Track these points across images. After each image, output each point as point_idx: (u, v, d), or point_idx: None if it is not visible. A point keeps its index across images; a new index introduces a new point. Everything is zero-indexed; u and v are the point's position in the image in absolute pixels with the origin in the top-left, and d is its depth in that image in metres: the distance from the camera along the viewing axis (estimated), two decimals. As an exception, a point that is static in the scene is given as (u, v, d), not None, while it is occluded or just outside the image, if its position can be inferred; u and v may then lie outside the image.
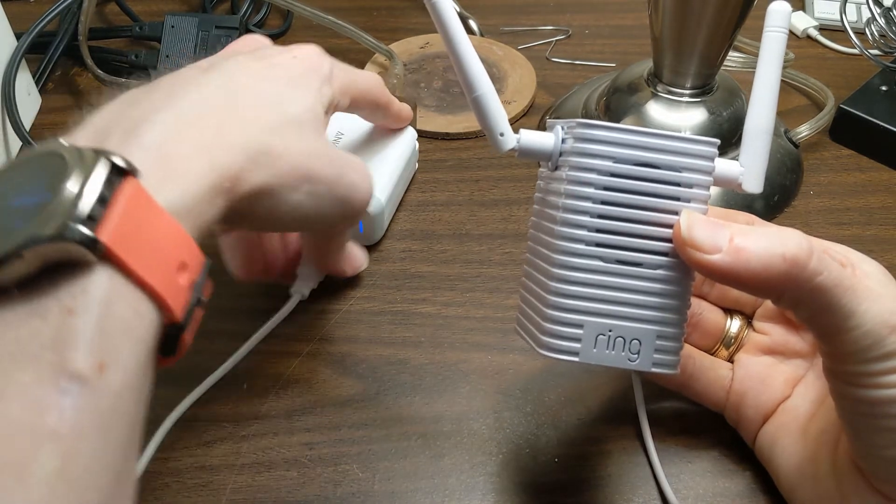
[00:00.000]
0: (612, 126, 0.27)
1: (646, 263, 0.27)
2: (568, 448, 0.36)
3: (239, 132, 0.27)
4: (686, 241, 0.26)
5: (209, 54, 0.56)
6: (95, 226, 0.21)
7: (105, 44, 0.60)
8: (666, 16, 0.44)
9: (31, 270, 0.21)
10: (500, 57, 0.59)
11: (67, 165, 0.21)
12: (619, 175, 0.27)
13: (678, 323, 0.28)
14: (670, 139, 0.27)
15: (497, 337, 0.40)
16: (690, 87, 0.47)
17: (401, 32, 0.61)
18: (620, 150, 0.27)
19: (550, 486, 0.34)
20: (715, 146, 0.27)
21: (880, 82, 0.53)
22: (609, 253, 0.27)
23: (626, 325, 0.27)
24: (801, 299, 0.26)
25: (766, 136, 0.30)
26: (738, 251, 0.25)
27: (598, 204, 0.27)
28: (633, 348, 0.27)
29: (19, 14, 0.53)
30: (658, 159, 0.27)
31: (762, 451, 0.34)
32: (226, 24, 0.58)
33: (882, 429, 0.27)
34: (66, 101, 0.56)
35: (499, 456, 0.35)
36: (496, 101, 0.29)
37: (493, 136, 0.29)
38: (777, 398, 0.33)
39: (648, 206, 0.27)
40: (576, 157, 0.27)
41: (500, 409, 0.37)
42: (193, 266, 0.24)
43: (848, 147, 0.53)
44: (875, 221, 0.47)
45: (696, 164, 0.27)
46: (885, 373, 0.26)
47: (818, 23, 0.63)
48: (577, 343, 0.27)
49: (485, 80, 0.28)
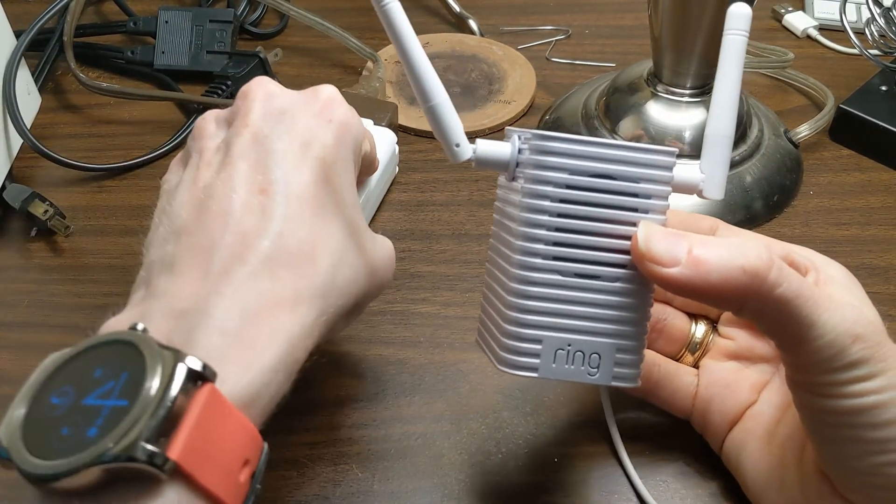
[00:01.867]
0: (567, 138, 0.26)
1: (604, 276, 0.27)
2: (567, 448, 0.36)
3: (306, 286, 0.27)
4: (644, 254, 0.26)
5: (204, 49, 0.57)
6: (167, 442, 0.21)
7: (100, 40, 0.60)
8: (666, 16, 0.44)
9: (96, 481, 0.21)
10: (500, 57, 0.59)
11: (145, 368, 0.22)
12: (576, 187, 0.26)
13: (638, 336, 0.27)
14: (627, 150, 0.27)
15: (497, 337, 0.40)
16: (690, 87, 0.47)
17: (401, 32, 0.61)
18: (576, 163, 0.26)
19: (550, 486, 0.34)
20: (673, 155, 0.27)
21: (880, 82, 0.53)
22: (567, 266, 0.27)
23: (585, 339, 0.27)
24: (762, 311, 0.25)
25: (726, 142, 0.29)
26: (697, 263, 0.25)
27: (555, 217, 0.26)
28: (593, 362, 0.27)
29: (19, 13, 0.53)
30: (615, 170, 0.26)
31: (729, 458, 0.33)
32: (220, 17, 0.58)
33: (847, 439, 0.26)
34: (66, 100, 0.56)
35: (498, 456, 0.35)
36: (451, 110, 0.28)
37: (449, 147, 0.28)
38: (743, 404, 0.33)
39: (606, 217, 0.27)
40: (531, 170, 0.27)
41: (499, 409, 0.37)
42: (254, 459, 0.24)
43: (848, 147, 0.53)
44: (875, 221, 0.47)
45: (654, 175, 0.27)
46: (849, 382, 0.25)
47: (818, 23, 0.63)
48: (536, 359, 0.27)
49: (440, 89, 0.28)
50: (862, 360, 0.25)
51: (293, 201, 0.28)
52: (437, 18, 0.65)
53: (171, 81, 0.57)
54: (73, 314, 0.41)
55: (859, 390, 0.25)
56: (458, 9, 0.64)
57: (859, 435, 0.26)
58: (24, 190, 0.46)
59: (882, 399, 0.25)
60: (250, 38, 0.63)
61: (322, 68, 0.60)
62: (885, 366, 0.26)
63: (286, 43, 0.62)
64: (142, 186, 0.50)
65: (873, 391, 0.25)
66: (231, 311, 0.25)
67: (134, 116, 0.55)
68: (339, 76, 0.59)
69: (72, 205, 0.47)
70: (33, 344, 0.40)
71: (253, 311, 0.25)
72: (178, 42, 0.58)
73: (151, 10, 0.60)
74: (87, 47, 0.59)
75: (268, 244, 0.27)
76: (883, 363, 0.26)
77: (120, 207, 0.48)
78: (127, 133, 0.54)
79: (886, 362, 0.26)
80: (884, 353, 0.26)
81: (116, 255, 0.45)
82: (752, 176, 0.48)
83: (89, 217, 0.47)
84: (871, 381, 0.25)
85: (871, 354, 0.26)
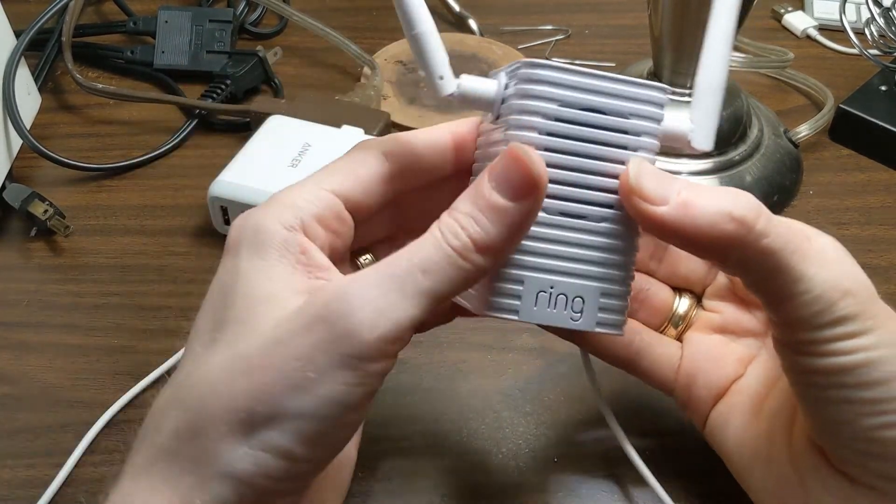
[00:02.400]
0: (558, 66, 0.25)
1: (590, 216, 0.25)
2: (568, 448, 0.36)
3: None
4: (633, 188, 0.24)
5: (203, 49, 0.57)
6: None
7: (100, 40, 0.60)
8: (666, 16, 0.44)
9: None
10: (500, 56, 0.59)
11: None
12: (564, 120, 0.25)
13: (623, 280, 0.26)
14: (619, 83, 0.25)
15: (497, 337, 0.40)
16: (690, 87, 0.47)
17: (401, 32, 0.60)
18: (566, 93, 0.25)
19: (550, 486, 0.34)
20: (664, 92, 0.26)
21: (880, 82, 0.53)
22: (552, 204, 0.25)
23: (568, 281, 0.25)
24: (749, 262, 0.25)
25: (717, 93, 0.28)
26: (686, 205, 0.24)
27: (542, 151, 0.25)
28: (576, 306, 0.25)
29: (19, 13, 0.53)
30: (605, 104, 0.25)
31: (713, 433, 0.32)
32: (219, 17, 0.58)
33: (838, 400, 0.25)
34: (65, 100, 0.56)
35: (498, 456, 0.35)
36: (437, 41, 0.26)
37: (432, 79, 0.26)
38: (729, 377, 0.32)
39: (594, 154, 0.25)
40: (519, 100, 0.25)
41: (499, 409, 0.37)
42: None
43: (847, 147, 0.53)
44: (874, 221, 0.47)
45: (645, 111, 0.26)
46: (837, 339, 0.25)
47: (818, 23, 0.63)
48: (518, 300, 0.25)
49: (426, 17, 0.26)
50: (850, 316, 0.25)
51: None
52: (437, 18, 0.64)
53: (170, 81, 0.57)
54: (72, 314, 0.41)
55: (848, 347, 0.25)
56: (457, 8, 0.64)
57: (850, 396, 0.25)
58: (23, 190, 0.46)
59: (872, 357, 0.25)
60: (250, 37, 0.63)
61: (322, 68, 0.60)
62: (875, 323, 0.25)
63: (286, 43, 0.62)
64: (142, 186, 0.50)
65: (862, 348, 0.25)
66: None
67: (133, 116, 0.55)
68: (338, 76, 0.59)
69: (72, 205, 0.47)
70: (33, 344, 0.40)
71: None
72: (177, 42, 0.58)
73: (151, 9, 0.60)
74: (86, 47, 0.59)
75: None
76: (872, 320, 0.25)
77: (120, 207, 0.48)
78: (127, 133, 0.54)
79: (876, 319, 0.25)
80: (874, 311, 0.25)
81: (116, 255, 0.45)
82: (751, 176, 0.48)
83: (89, 217, 0.47)
84: (861, 338, 0.25)
85: (861, 311, 0.25)
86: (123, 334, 0.40)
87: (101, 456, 0.35)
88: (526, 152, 0.23)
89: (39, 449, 0.35)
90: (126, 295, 0.43)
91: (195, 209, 0.47)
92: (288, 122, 0.47)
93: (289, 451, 0.22)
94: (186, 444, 0.23)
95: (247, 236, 0.25)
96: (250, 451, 0.22)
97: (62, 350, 0.39)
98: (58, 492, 0.34)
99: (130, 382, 0.37)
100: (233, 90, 0.55)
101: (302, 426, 0.22)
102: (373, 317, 0.22)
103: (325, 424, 0.22)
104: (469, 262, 0.23)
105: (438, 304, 0.23)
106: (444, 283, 0.23)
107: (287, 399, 0.22)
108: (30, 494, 0.33)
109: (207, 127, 0.54)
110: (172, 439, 0.23)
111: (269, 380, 0.22)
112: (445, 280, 0.23)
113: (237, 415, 0.22)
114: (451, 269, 0.23)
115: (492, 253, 0.23)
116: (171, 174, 0.51)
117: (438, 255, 0.23)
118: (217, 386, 0.23)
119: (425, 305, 0.23)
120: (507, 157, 0.23)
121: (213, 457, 0.22)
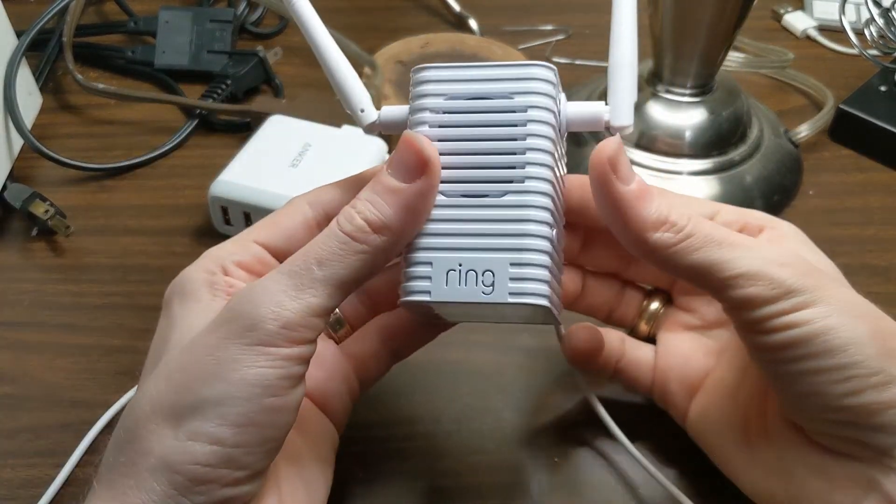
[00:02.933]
0: (441, 65, 0.27)
1: (492, 193, 0.26)
2: (568, 448, 0.36)
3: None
4: (612, 161, 0.26)
5: (204, 48, 0.57)
6: None
7: (101, 40, 0.60)
8: (666, 16, 0.44)
9: None
10: (500, 57, 0.59)
11: None
12: (453, 111, 0.27)
13: (536, 250, 0.26)
14: (499, 68, 0.27)
15: (497, 336, 0.40)
16: (690, 87, 0.47)
17: (401, 32, 0.61)
18: (450, 87, 0.27)
19: (550, 486, 0.34)
20: (546, 67, 0.27)
21: (879, 82, 0.53)
22: (452, 188, 0.27)
23: (475, 256, 0.26)
24: (678, 262, 0.26)
25: (628, 70, 0.29)
26: (643, 192, 0.26)
27: (435, 142, 0.27)
28: (487, 280, 0.26)
29: (20, 13, 0.53)
30: (489, 89, 0.27)
31: (694, 428, 0.33)
32: (220, 17, 0.58)
33: (802, 373, 0.26)
34: (66, 100, 0.56)
35: (498, 456, 0.35)
36: (354, 78, 0.29)
37: (355, 112, 0.29)
38: (701, 372, 0.33)
39: (487, 136, 0.27)
40: (412, 104, 0.27)
41: (499, 409, 0.37)
42: None
43: (847, 147, 0.53)
44: (874, 221, 0.47)
45: (528, 87, 0.27)
46: (784, 313, 0.25)
47: (818, 23, 0.63)
48: (429, 282, 0.26)
49: (340, 58, 0.30)
50: (793, 290, 0.25)
51: None
52: (438, 18, 0.65)
53: (171, 81, 0.57)
54: (73, 314, 0.41)
55: (797, 320, 0.25)
56: (458, 8, 0.64)
57: (812, 366, 0.26)
58: (24, 190, 0.46)
59: (824, 325, 0.25)
60: (250, 37, 0.63)
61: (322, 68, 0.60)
62: (821, 293, 0.26)
63: (286, 43, 0.62)
64: (142, 186, 0.50)
65: (812, 319, 0.25)
66: None
67: (134, 116, 0.55)
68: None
69: (72, 205, 0.47)
70: (34, 344, 0.40)
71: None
72: (178, 42, 0.58)
73: (151, 9, 0.60)
74: (87, 47, 0.59)
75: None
76: (819, 291, 0.26)
77: (120, 207, 0.48)
78: (127, 133, 0.54)
79: (823, 291, 0.26)
80: (819, 283, 0.26)
81: (116, 255, 0.45)
82: (751, 176, 0.48)
83: (90, 217, 0.47)
84: (809, 310, 0.25)
85: (802, 283, 0.26)
86: (124, 334, 0.40)
87: (101, 456, 0.35)
88: (416, 137, 0.26)
89: (40, 449, 0.35)
90: (126, 295, 0.43)
91: (195, 209, 0.47)
92: (288, 122, 0.48)
93: (215, 435, 0.24)
94: (124, 452, 0.25)
95: (176, 290, 0.28)
96: (177, 441, 0.24)
97: (63, 350, 0.39)
98: (58, 492, 0.34)
99: (131, 382, 0.37)
100: (233, 90, 0.55)
101: (223, 411, 0.24)
102: (275, 309, 0.24)
103: (246, 406, 0.24)
104: (366, 244, 0.25)
105: (348, 288, 0.25)
106: (343, 268, 0.25)
107: (205, 388, 0.24)
108: (30, 494, 0.34)
109: (208, 127, 0.54)
110: (114, 452, 0.25)
111: (187, 374, 0.24)
112: (343, 265, 0.25)
113: (162, 411, 0.24)
114: (347, 253, 0.25)
115: (390, 233, 0.25)
116: (172, 174, 0.51)
117: (332, 243, 0.25)
118: (146, 394, 0.25)
119: (328, 292, 0.25)
120: (400, 145, 0.26)
121: (146, 454, 0.24)
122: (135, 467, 0.24)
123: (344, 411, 0.32)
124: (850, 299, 0.26)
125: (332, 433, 0.32)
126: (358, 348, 0.33)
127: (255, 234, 0.28)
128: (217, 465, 0.24)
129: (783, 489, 0.29)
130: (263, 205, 0.43)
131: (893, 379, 0.25)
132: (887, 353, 0.26)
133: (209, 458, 0.23)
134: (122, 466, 0.24)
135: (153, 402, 0.24)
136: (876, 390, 0.25)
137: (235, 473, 0.24)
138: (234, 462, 0.24)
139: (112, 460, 0.25)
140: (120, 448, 0.25)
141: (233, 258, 0.28)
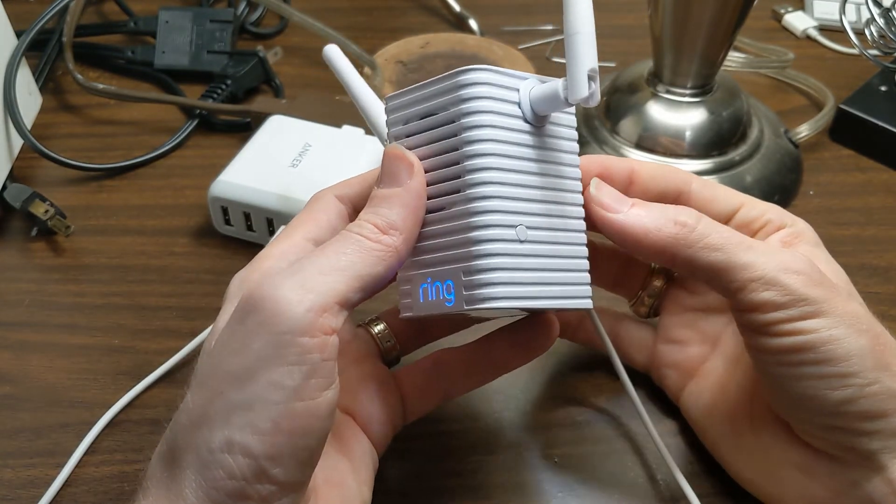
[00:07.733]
0: (397, 92, 0.29)
1: (446, 206, 0.27)
2: (568, 448, 0.36)
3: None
4: (594, 198, 0.28)
5: (204, 49, 0.57)
6: None
7: (100, 40, 0.60)
8: (666, 16, 0.44)
9: None
10: (500, 57, 0.59)
11: None
12: (411, 133, 0.28)
13: (486, 255, 0.26)
14: (430, 84, 0.28)
15: (497, 337, 0.40)
16: (690, 87, 0.47)
17: (401, 32, 0.61)
18: (406, 111, 0.28)
19: (550, 486, 0.34)
20: (476, 70, 0.27)
21: (880, 82, 0.53)
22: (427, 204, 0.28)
23: (438, 269, 0.27)
24: (695, 260, 0.27)
25: (579, 38, 0.29)
26: (637, 213, 0.28)
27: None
28: (448, 290, 0.27)
29: (20, 13, 0.53)
30: (431, 106, 0.28)
31: (686, 410, 0.35)
32: (220, 17, 0.58)
33: (802, 377, 0.27)
34: (66, 100, 0.56)
35: (498, 456, 0.35)
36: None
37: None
38: (698, 359, 0.34)
39: (436, 151, 0.27)
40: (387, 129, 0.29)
41: (499, 409, 0.37)
42: None
43: (848, 147, 0.53)
44: (874, 221, 0.47)
45: (458, 96, 0.27)
46: (793, 319, 0.26)
47: (818, 23, 0.63)
48: (410, 299, 0.28)
49: (376, 101, 0.34)
50: (805, 298, 0.26)
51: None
52: (438, 18, 0.65)
53: (171, 81, 0.57)
54: (73, 314, 0.41)
55: (805, 327, 0.26)
56: (458, 8, 0.64)
57: (812, 372, 0.27)
58: (24, 190, 0.46)
59: (830, 335, 0.26)
60: (250, 37, 0.63)
61: (322, 68, 0.59)
62: (830, 305, 0.27)
63: (286, 43, 0.62)
64: (142, 186, 0.50)
65: (819, 328, 0.26)
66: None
67: (134, 116, 0.55)
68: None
69: (72, 205, 0.47)
70: (34, 344, 0.40)
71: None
72: (178, 42, 0.58)
73: (151, 10, 0.60)
74: (87, 47, 0.59)
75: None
76: (827, 303, 0.27)
77: (120, 207, 0.48)
78: (127, 133, 0.54)
79: (831, 302, 0.27)
80: (828, 295, 0.27)
81: (116, 255, 0.45)
82: (752, 176, 0.48)
83: (90, 217, 0.47)
84: (818, 319, 0.26)
85: (815, 293, 0.27)
86: (124, 334, 0.40)
87: (101, 456, 0.35)
88: (395, 146, 0.27)
89: (40, 449, 0.35)
90: (126, 295, 0.43)
91: (195, 209, 0.47)
92: (288, 122, 0.48)
93: (245, 446, 0.23)
94: (168, 465, 0.24)
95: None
96: (210, 456, 0.23)
97: (63, 350, 0.39)
98: (59, 492, 0.34)
99: (131, 382, 0.38)
100: (233, 90, 0.55)
101: (252, 418, 0.23)
102: (299, 291, 0.23)
103: (275, 412, 0.23)
104: (379, 243, 0.26)
105: (366, 283, 0.25)
106: (360, 260, 0.25)
107: (234, 392, 0.23)
108: (31, 494, 0.34)
109: (208, 127, 0.54)
110: (158, 461, 0.25)
111: (215, 381, 0.24)
112: (360, 258, 0.25)
113: (197, 421, 0.24)
114: (363, 250, 0.25)
115: (397, 230, 0.26)
116: (172, 174, 0.51)
117: (347, 241, 0.25)
118: (186, 414, 0.24)
119: (347, 280, 0.24)
120: (383, 160, 0.27)
121: (183, 467, 0.24)
122: (174, 482, 0.24)
123: (385, 437, 0.32)
124: (856, 313, 0.27)
125: (374, 457, 0.31)
126: (411, 378, 0.33)
127: (303, 233, 0.29)
128: (251, 479, 0.23)
129: (764, 478, 0.31)
130: (263, 205, 0.43)
131: (887, 390, 0.27)
132: (883, 366, 0.27)
133: (245, 472, 0.23)
134: (168, 481, 0.24)
135: (189, 413, 0.24)
136: (870, 400, 0.27)
137: (269, 487, 0.23)
138: (265, 473, 0.23)
139: (159, 474, 0.25)
140: (164, 464, 0.25)
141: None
